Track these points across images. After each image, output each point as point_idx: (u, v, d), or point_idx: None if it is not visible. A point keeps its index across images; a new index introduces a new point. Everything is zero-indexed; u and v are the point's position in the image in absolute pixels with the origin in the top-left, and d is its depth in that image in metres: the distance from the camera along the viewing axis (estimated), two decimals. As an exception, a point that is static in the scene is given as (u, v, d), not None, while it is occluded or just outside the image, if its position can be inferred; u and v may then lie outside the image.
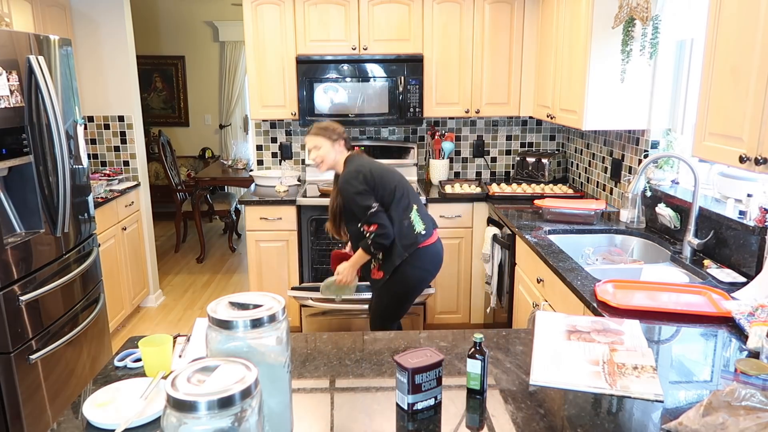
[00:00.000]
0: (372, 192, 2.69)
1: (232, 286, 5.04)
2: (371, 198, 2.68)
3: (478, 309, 3.92)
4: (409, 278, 2.81)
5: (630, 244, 2.83)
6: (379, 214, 2.67)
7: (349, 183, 2.68)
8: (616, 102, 2.99)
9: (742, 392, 1.23)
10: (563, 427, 1.28)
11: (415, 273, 2.81)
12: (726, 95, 1.84)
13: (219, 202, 6.13)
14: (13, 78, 2.45)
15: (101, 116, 4.29)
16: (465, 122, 4.29)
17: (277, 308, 1.14)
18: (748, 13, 1.74)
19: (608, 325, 1.72)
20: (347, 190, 2.69)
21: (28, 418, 2.53)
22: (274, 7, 3.75)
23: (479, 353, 1.38)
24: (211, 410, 0.89)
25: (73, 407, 1.37)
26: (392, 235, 2.70)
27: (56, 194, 2.72)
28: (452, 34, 3.82)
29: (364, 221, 2.67)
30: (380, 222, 2.66)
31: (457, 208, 3.75)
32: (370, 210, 2.65)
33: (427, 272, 2.87)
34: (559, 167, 4.12)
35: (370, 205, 2.66)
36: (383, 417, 1.32)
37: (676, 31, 2.75)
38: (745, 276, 2.15)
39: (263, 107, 3.90)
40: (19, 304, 2.47)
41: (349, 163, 2.79)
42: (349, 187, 2.68)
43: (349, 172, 2.73)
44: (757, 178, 2.23)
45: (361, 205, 2.66)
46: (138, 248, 4.32)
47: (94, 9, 4.09)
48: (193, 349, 1.57)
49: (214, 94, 7.33)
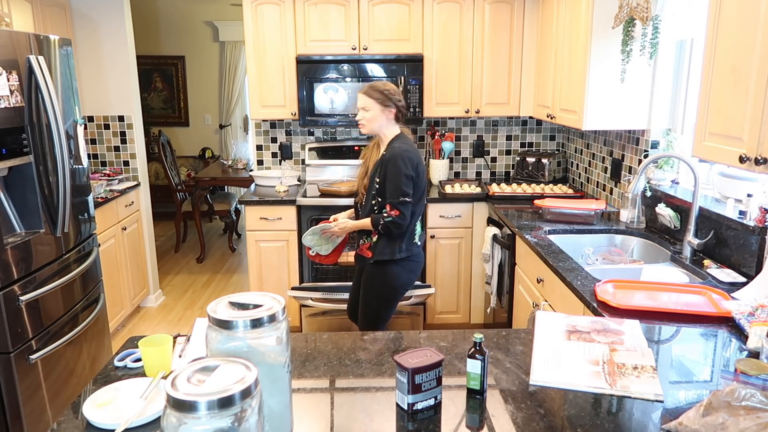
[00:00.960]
0: (413, 183, 2.63)
1: (232, 286, 5.04)
2: (411, 187, 2.61)
3: (478, 309, 3.92)
4: (398, 280, 2.77)
5: (630, 244, 2.83)
6: (408, 205, 2.60)
7: (404, 162, 2.58)
8: (616, 102, 2.99)
9: (742, 392, 1.23)
10: (563, 427, 1.28)
11: (404, 275, 2.77)
12: (726, 95, 1.84)
13: (219, 202, 6.13)
14: (13, 78, 2.45)
15: (101, 116, 4.29)
16: (465, 122, 4.29)
17: (277, 308, 1.13)
18: (748, 13, 1.74)
19: (608, 325, 1.72)
20: (398, 167, 2.58)
21: (28, 418, 2.53)
22: (274, 7, 3.75)
23: (479, 353, 1.38)
24: (211, 410, 0.89)
25: (73, 407, 1.37)
26: (405, 230, 2.66)
27: (56, 194, 2.72)
28: (452, 34, 3.82)
29: (392, 202, 2.59)
30: (405, 212, 2.60)
31: (457, 208, 3.75)
32: (405, 197, 2.59)
33: (414, 277, 2.84)
34: (559, 167, 4.12)
35: (408, 193, 2.60)
36: (383, 417, 1.32)
37: (676, 31, 2.75)
38: (745, 276, 2.14)
39: (263, 107, 3.90)
40: (19, 304, 2.47)
41: (402, 141, 2.68)
42: (402, 167, 2.58)
43: (406, 151, 2.62)
44: (757, 178, 2.23)
45: (402, 189, 2.58)
46: (138, 248, 4.32)
47: (94, 9, 4.09)
48: (193, 349, 1.57)
49: (214, 94, 7.33)
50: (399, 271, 2.74)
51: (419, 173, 2.65)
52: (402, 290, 2.82)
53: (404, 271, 2.76)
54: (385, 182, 2.62)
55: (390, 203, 2.60)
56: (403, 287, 2.81)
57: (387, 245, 2.69)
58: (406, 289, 2.85)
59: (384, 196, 2.63)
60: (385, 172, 2.62)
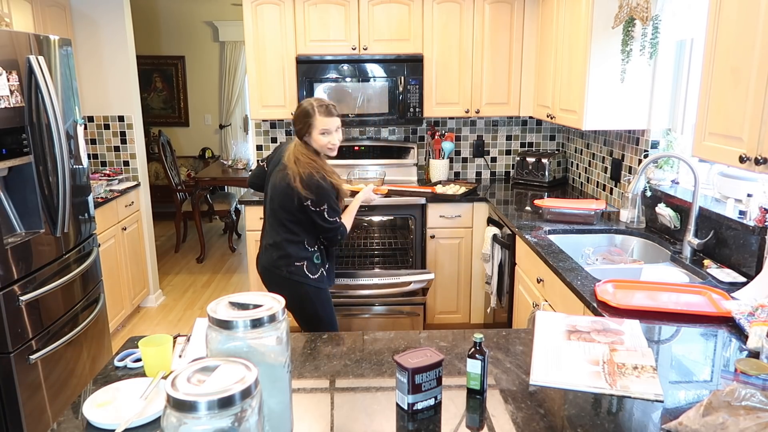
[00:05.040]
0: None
1: (232, 286, 5.04)
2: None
3: (478, 309, 3.92)
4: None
5: (630, 244, 2.83)
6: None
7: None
8: (616, 102, 2.99)
9: (742, 392, 1.23)
10: (563, 427, 1.28)
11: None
12: (726, 95, 1.84)
13: (219, 202, 6.13)
14: (13, 78, 2.45)
15: (101, 116, 4.29)
16: (465, 122, 4.29)
17: (277, 308, 1.14)
18: (748, 13, 1.74)
19: (608, 325, 1.72)
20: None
21: (28, 418, 2.52)
22: (274, 7, 3.75)
23: (479, 353, 1.38)
24: (211, 410, 0.89)
25: (73, 407, 1.37)
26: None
27: (56, 194, 2.72)
28: (452, 34, 3.82)
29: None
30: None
31: (457, 208, 3.75)
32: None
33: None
34: (559, 167, 4.12)
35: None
36: (383, 417, 1.32)
37: (676, 31, 2.75)
38: (745, 276, 2.14)
39: (263, 107, 3.90)
40: (19, 304, 2.47)
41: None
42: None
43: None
44: (757, 178, 2.23)
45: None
46: (138, 248, 4.32)
47: (94, 9, 4.09)
48: (193, 349, 1.57)
49: (214, 94, 7.33)
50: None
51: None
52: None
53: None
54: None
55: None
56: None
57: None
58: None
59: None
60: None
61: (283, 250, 2.55)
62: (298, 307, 2.59)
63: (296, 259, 2.54)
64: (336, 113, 2.53)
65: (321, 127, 2.47)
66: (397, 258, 4.01)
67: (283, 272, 2.54)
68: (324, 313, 2.63)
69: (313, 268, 2.57)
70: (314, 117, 2.47)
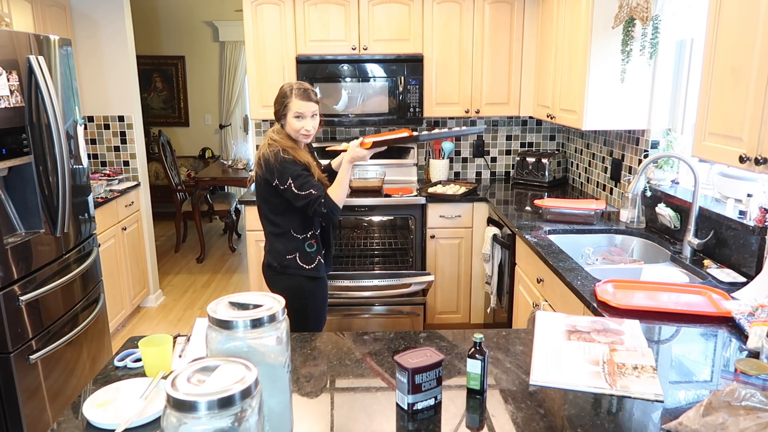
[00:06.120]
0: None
1: (232, 286, 5.04)
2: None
3: (478, 309, 3.92)
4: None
5: (630, 244, 2.83)
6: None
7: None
8: (616, 102, 2.99)
9: (742, 392, 1.23)
10: (563, 427, 1.28)
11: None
12: (726, 95, 1.84)
13: (219, 202, 6.13)
14: (13, 78, 2.45)
15: (101, 116, 4.29)
16: (465, 122, 4.29)
17: (277, 308, 1.14)
18: (748, 13, 1.74)
19: (608, 325, 1.72)
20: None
21: (28, 418, 2.52)
22: (274, 7, 3.75)
23: (479, 353, 1.38)
24: (211, 410, 0.89)
25: (73, 407, 1.37)
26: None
27: (56, 194, 2.72)
28: (452, 34, 3.82)
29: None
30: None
31: (457, 208, 3.75)
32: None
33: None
34: (559, 167, 4.12)
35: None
36: (383, 417, 1.32)
37: (676, 31, 2.75)
38: (745, 276, 2.14)
39: (263, 107, 3.90)
40: (19, 304, 2.47)
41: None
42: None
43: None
44: (757, 178, 2.23)
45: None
46: (138, 248, 4.32)
47: (94, 9, 4.09)
48: (193, 349, 1.57)
49: (214, 94, 7.33)
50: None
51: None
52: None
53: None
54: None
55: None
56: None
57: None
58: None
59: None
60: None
61: (272, 246, 2.50)
62: (288, 301, 2.51)
63: (286, 252, 2.45)
64: (314, 99, 2.42)
65: (295, 110, 2.37)
66: (397, 258, 4.01)
67: (277, 268, 2.49)
68: (311, 312, 2.52)
69: (307, 258, 2.46)
70: (290, 99, 2.38)
